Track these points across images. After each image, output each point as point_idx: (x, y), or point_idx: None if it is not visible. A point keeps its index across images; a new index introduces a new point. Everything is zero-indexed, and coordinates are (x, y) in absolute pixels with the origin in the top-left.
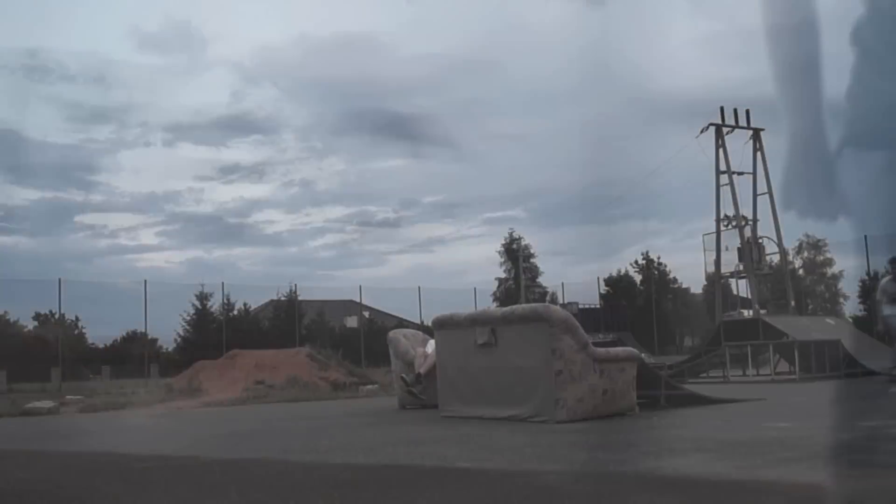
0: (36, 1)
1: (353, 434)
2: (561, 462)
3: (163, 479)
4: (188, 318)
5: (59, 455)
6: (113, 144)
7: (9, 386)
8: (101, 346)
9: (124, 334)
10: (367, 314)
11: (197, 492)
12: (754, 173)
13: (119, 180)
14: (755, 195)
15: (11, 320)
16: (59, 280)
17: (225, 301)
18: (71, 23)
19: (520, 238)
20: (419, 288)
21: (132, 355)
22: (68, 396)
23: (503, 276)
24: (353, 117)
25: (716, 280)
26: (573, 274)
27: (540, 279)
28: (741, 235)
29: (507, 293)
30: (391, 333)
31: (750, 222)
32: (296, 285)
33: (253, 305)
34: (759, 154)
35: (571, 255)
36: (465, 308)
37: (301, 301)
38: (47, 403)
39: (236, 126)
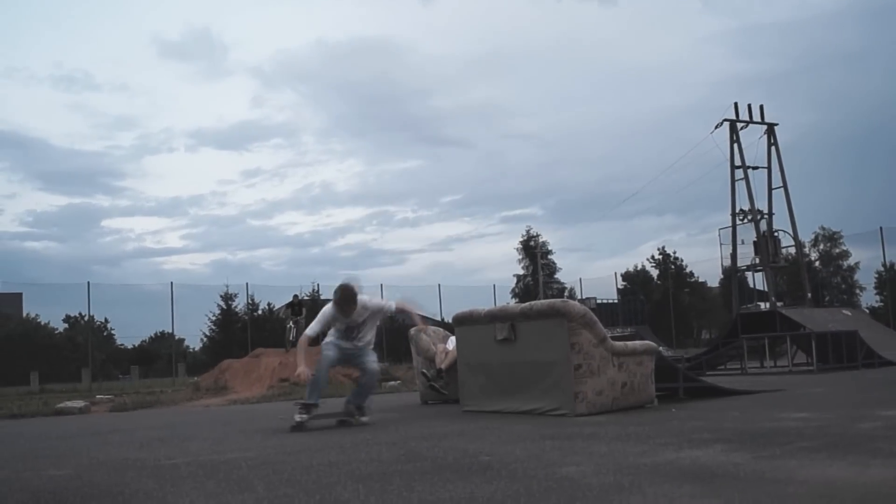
0: (60, 12)
1: (376, 429)
2: (581, 454)
3: (191, 475)
4: (214, 318)
5: (91, 452)
6: (137, 150)
7: (41, 386)
8: (130, 346)
9: (152, 335)
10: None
11: (225, 486)
12: (769, 167)
13: (144, 185)
14: (770, 189)
15: (42, 323)
16: (88, 283)
17: (249, 301)
18: (95, 33)
19: (537, 235)
20: (439, 285)
21: (160, 355)
22: (98, 396)
23: (521, 272)
24: (371, 119)
25: (732, 273)
26: (590, 269)
27: (558, 275)
28: (757, 229)
29: (525, 289)
30: (412, 330)
31: (765, 216)
32: (318, 285)
33: (276, 305)
34: (773, 148)
35: (588, 251)
36: (484, 304)
37: (324, 300)
38: (78, 403)
39: (257, 130)
